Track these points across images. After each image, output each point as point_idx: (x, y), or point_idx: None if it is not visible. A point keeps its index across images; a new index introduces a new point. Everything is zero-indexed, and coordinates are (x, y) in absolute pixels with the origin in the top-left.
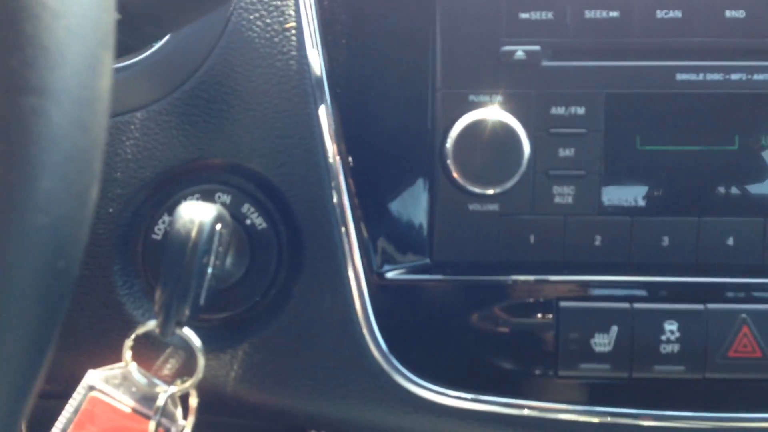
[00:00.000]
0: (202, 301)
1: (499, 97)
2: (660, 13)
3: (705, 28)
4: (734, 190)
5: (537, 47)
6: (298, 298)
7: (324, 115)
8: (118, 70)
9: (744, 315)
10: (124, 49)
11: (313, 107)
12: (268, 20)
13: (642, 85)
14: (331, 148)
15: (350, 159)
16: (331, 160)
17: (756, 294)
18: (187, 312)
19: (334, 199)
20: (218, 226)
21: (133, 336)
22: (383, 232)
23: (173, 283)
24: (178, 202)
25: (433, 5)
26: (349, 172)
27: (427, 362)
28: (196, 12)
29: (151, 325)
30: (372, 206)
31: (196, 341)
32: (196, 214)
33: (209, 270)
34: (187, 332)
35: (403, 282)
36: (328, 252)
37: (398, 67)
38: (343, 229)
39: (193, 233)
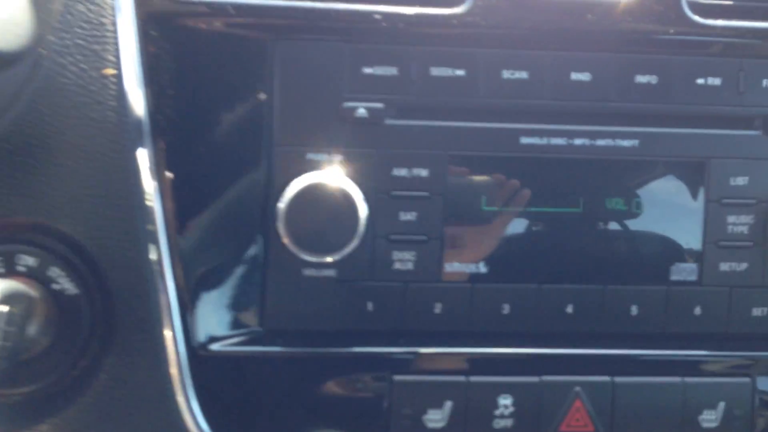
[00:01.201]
0: None
1: (338, 156)
2: (506, 74)
3: (551, 90)
4: (575, 257)
5: (380, 105)
6: (109, 371)
7: (145, 172)
8: None
9: (578, 388)
10: None
11: (133, 163)
12: (84, 65)
13: (486, 147)
14: (153, 207)
15: (175, 219)
16: (151, 223)
17: (590, 365)
18: None
19: (152, 256)
20: (5, 308)
21: None
22: (209, 298)
23: None
24: None
25: (272, 56)
26: (174, 233)
27: None
28: None
29: None
30: (197, 270)
31: None
32: None
33: None
34: None
35: (229, 354)
36: (144, 321)
37: (232, 121)
38: (162, 296)
39: None
